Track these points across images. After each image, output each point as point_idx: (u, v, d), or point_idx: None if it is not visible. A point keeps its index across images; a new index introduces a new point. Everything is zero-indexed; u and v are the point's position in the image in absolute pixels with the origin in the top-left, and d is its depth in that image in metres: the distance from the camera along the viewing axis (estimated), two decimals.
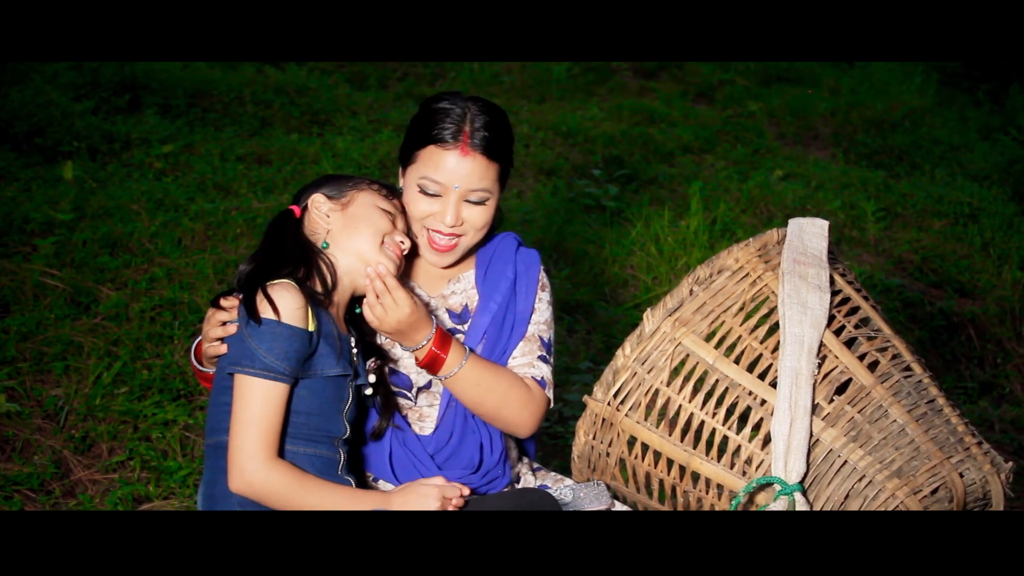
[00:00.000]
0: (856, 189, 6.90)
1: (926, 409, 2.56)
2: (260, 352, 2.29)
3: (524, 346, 2.75)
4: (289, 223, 2.55)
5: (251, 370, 2.29)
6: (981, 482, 2.50)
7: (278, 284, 2.36)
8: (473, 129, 2.58)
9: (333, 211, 2.55)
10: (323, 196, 2.56)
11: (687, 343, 2.63)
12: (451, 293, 2.76)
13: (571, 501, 2.70)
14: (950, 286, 5.75)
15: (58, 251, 4.58)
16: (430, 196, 2.62)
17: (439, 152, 2.58)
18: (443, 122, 2.59)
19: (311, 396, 2.38)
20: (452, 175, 2.58)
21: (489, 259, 2.79)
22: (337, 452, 2.44)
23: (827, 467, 2.50)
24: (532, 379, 2.72)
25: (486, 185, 2.62)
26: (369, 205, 2.56)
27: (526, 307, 2.76)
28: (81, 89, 6.85)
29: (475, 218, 2.64)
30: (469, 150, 2.58)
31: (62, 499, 3.38)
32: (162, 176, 5.83)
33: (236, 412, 2.30)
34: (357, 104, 7.76)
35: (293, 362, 2.31)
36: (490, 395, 2.62)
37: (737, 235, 5.81)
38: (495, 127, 2.62)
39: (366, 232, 2.51)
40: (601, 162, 7.03)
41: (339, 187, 2.59)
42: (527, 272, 2.78)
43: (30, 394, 3.77)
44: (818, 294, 2.62)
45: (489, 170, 2.62)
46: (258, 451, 2.28)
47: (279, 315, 2.31)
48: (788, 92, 9.36)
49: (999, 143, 8.15)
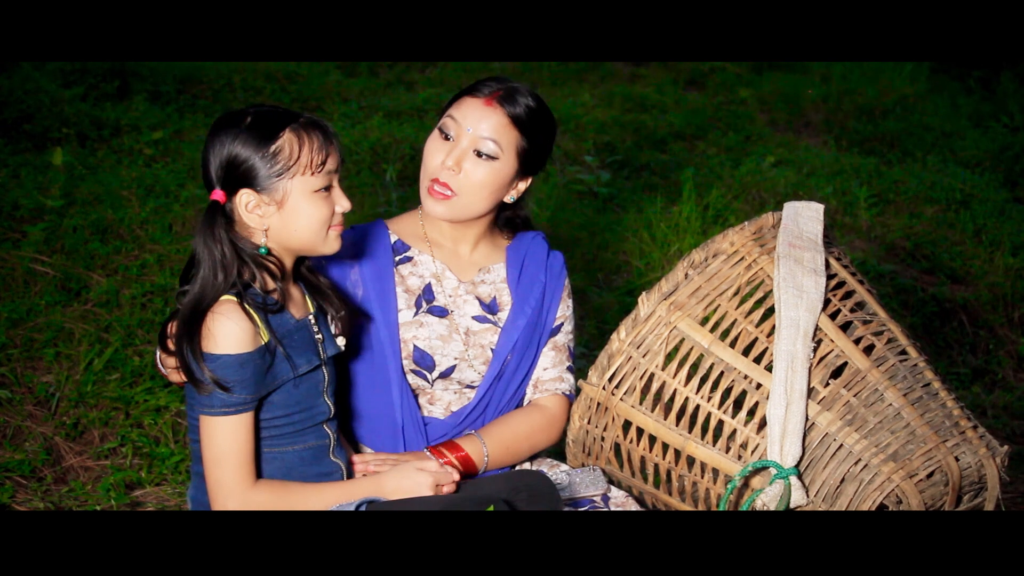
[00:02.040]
0: (848, 176, 6.89)
1: (921, 393, 2.56)
2: (216, 390, 2.22)
3: (554, 356, 2.82)
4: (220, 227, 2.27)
5: (212, 410, 2.23)
6: (976, 466, 2.50)
7: (217, 312, 2.22)
8: (506, 92, 2.66)
9: (267, 211, 2.29)
10: (252, 194, 2.27)
11: (682, 327, 2.63)
12: (480, 282, 2.78)
13: (567, 486, 2.69)
14: (942, 272, 5.74)
15: (48, 237, 4.56)
16: (444, 140, 2.65)
17: (468, 99, 2.67)
18: (485, 82, 2.69)
19: (287, 398, 2.33)
20: (469, 117, 2.63)
21: (522, 260, 2.82)
22: (326, 435, 2.42)
23: (823, 451, 2.50)
24: (562, 394, 2.80)
25: (499, 139, 2.64)
26: (305, 195, 2.29)
27: (554, 316, 2.81)
28: (70, 76, 6.82)
29: (474, 172, 2.64)
30: (494, 102, 2.64)
31: (54, 486, 3.36)
32: (152, 162, 5.80)
33: (205, 450, 2.26)
34: (348, 90, 7.73)
35: (252, 387, 2.24)
36: (520, 451, 2.74)
37: (729, 221, 5.79)
38: (527, 100, 2.68)
39: (307, 230, 2.32)
40: (593, 149, 7.02)
41: (264, 173, 2.26)
42: (556, 280, 2.83)
43: (21, 380, 3.75)
44: (813, 278, 2.61)
45: (506, 130, 2.65)
46: (235, 484, 2.25)
47: (225, 347, 2.20)
48: (779, 79, 9.35)
49: (990, 130, 8.14)
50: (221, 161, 2.26)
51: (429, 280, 2.74)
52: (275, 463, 2.34)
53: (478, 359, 2.71)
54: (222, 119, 2.33)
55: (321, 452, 2.40)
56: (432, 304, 2.71)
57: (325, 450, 2.41)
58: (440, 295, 2.73)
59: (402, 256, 2.75)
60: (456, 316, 2.72)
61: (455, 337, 2.70)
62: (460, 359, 2.69)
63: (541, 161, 2.76)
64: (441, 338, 2.69)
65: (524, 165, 2.70)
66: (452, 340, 2.69)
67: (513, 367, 2.74)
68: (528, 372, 2.78)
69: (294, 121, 2.30)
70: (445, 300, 2.73)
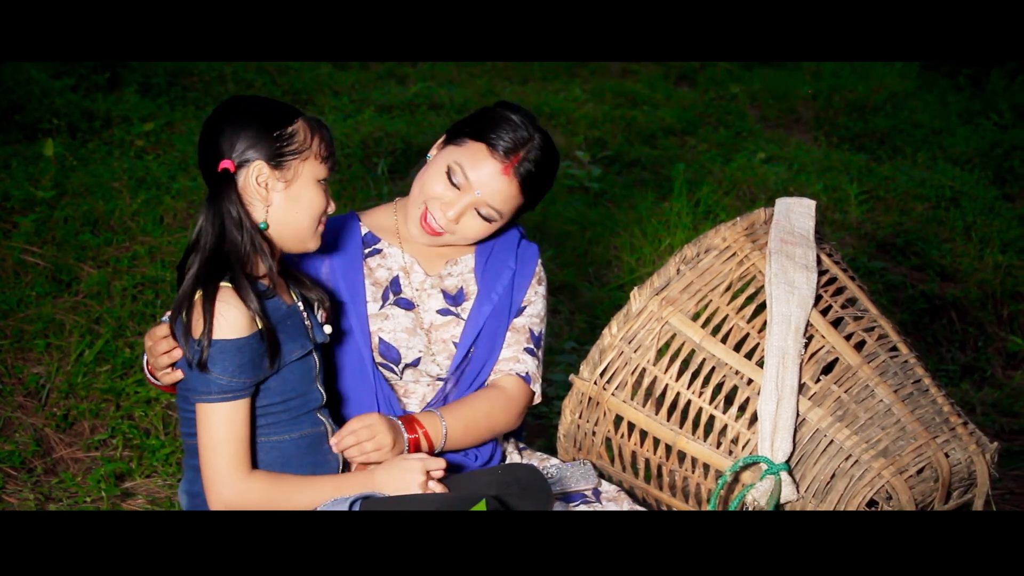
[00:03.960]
0: (838, 172, 6.90)
1: (912, 389, 2.57)
2: (213, 375, 2.23)
3: (511, 336, 2.77)
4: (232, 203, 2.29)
5: (208, 396, 2.24)
6: (966, 462, 2.51)
7: (217, 297, 2.23)
8: (525, 158, 2.64)
9: (276, 187, 2.33)
10: (266, 166, 2.31)
11: (674, 322, 2.63)
12: (447, 275, 2.77)
13: (557, 480, 2.69)
14: (932, 269, 5.76)
15: (39, 229, 4.54)
16: (450, 183, 2.64)
17: (486, 155, 2.63)
18: (506, 135, 2.63)
19: (282, 384, 2.34)
20: (481, 182, 2.63)
21: (491, 249, 2.81)
22: (320, 423, 2.43)
23: (813, 446, 2.51)
24: (516, 375, 2.74)
25: (502, 209, 2.67)
26: (311, 181, 2.36)
27: (521, 299, 2.79)
28: (60, 67, 6.79)
29: (470, 227, 2.68)
30: (511, 173, 2.63)
31: (44, 477, 3.36)
32: (143, 154, 5.78)
33: (202, 438, 2.27)
34: (339, 84, 7.71)
35: (250, 372, 2.26)
36: (479, 429, 2.67)
37: (720, 217, 5.80)
38: (544, 169, 2.68)
39: (307, 217, 2.38)
40: (584, 144, 7.02)
41: (279, 151, 2.31)
42: (526, 265, 2.82)
43: (11, 372, 3.74)
44: (805, 274, 2.62)
45: (514, 200, 2.68)
46: (230, 472, 2.26)
47: (223, 332, 2.22)
48: (770, 75, 9.36)
49: (980, 127, 8.16)
50: (237, 135, 2.30)
51: (397, 273, 2.74)
52: (273, 452, 2.35)
53: (441, 353, 2.71)
54: (235, 99, 2.39)
55: (317, 441, 2.41)
56: (399, 296, 2.72)
57: (321, 438, 2.42)
58: (407, 288, 2.73)
59: (371, 248, 2.76)
60: (421, 310, 2.73)
61: (419, 332, 2.70)
62: (424, 353, 2.69)
63: (535, 206, 2.81)
64: (406, 331, 2.69)
65: (517, 215, 2.76)
66: (417, 334, 2.70)
67: (483, 356, 2.73)
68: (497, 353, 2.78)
69: (304, 115, 2.39)
70: (412, 293, 2.73)
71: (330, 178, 2.42)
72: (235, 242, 2.28)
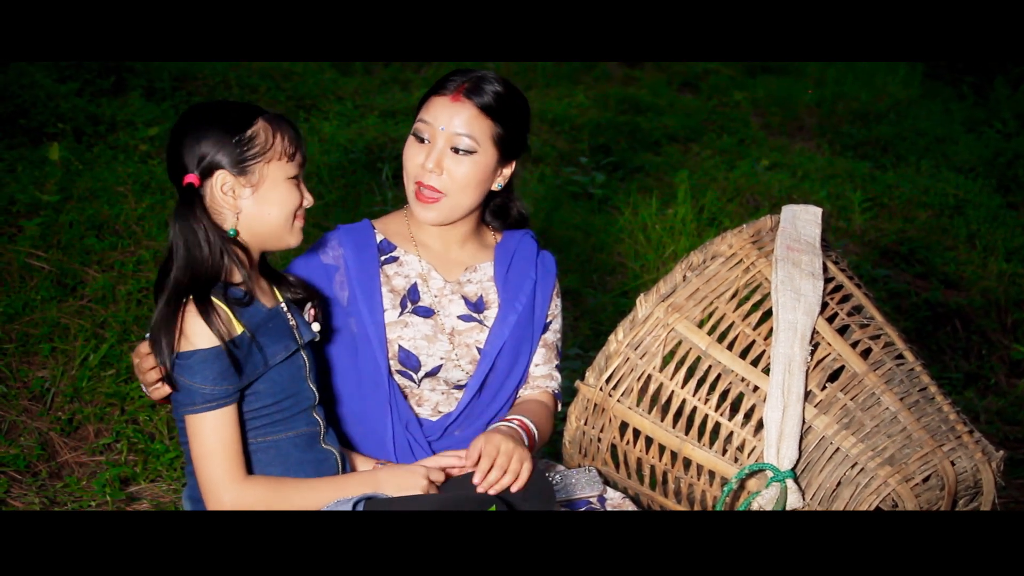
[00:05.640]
0: (842, 180, 6.91)
1: (918, 397, 2.57)
2: (195, 386, 2.23)
3: (544, 354, 2.82)
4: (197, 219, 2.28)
5: (194, 408, 2.24)
6: (972, 470, 2.51)
7: (184, 310, 2.23)
8: (471, 84, 2.65)
9: (243, 193, 2.31)
10: (229, 175, 2.29)
11: (680, 329, 2.63)
12: (467, 281, 2.76)
13: (563, 486, 2.69)
14: (936, 277, 5.77)
15: (44, 233, 4.55)
16: (420, 143, 2.65)
17: (435, 99, 2.66)
18: (448, 78, 2.68)
19: (272, 386, 2.34)
20: (440, 117, 2.63)
21: (511, 257, 2.81)
22: (315, 422, 2.42)
23: (819, 454, 2.50)
24: (551, 393, 2.81)
25: (473, 132, 2.63)
26: (280, 181, 2.34)
27: (544, 313, 2.81)
28: (65, 71, 6.79)
29: (457, 169, 2.64)
30: (461, 97, 2.63)
31: (48, 481, 3.36)
32: (148, 158, 5.78)
33: (194, 449, 2.27)
34: (343, 89, 7.71)
35: (232, 377, 2.25)
36: (544, 435, 2.73)
37: (724, 224, 5.81)
38: (494, 87, 2.67)
39: (280, 216, 2.35)
40: (588, 150, 7.03)
41: (241, 156, 2.29)
42: (546, 276, 2.83)
43: (16, 376, 3.75)
44: (811, 281, 2.62)
45: (479, 121, 2.64)
46: (225, 479, 2.25)
47: (199, 343, 2.21)
48: (773, 82, 9.37)
49: (984, 135, 8.18)
50: (198, 145, 2.28)
51: (415, 280, 2.73)
52: (271, 451, 2.35)
53: (464, 358, 2.70)
54: (193, 108, 2.36)
55: (312, 439, 2.41)
56: (417, 304, 2.71)
57: (316, 437, 2.42)
58: (426, 295, 2.72)
59: (388, 256, 2.75)
60: (441, 316, 2.72)
61: (440, 337, 2.69)
62: (446, 359, 2.68)
63: (520, 143, 2.75)
64: (426, 338, 2.68)
65: (504, 151, 2.69)
66: (437, 340, 2.69)
67: (507, 367, 2.73)
68: (524, 372, 2.78)
69: (264, 113, 2.36)
70: (431, 300, 2.72)
71: (300, 173, 2.39)
72: (201, 258, 2.27)
